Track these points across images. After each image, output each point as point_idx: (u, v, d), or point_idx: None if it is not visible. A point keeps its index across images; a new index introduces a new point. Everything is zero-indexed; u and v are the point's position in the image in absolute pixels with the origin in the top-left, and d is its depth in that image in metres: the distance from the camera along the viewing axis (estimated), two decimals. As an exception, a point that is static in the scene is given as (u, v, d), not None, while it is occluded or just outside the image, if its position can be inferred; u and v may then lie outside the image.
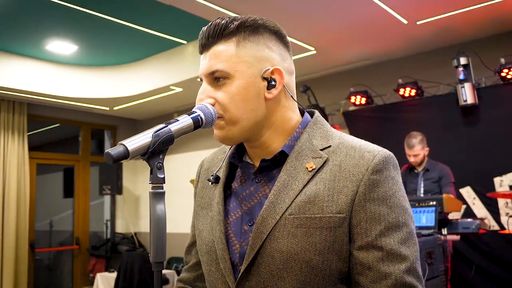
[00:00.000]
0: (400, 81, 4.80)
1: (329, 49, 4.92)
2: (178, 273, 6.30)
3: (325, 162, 1.01)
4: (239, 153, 1.15)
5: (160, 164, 0.92)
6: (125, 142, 0.87)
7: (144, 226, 7.67)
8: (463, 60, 4.36)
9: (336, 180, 0.98)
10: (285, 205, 0.98)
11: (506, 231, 3.91)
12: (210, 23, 1.05)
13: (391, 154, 1.03)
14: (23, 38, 5.30)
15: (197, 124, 0.98)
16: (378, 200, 0.97)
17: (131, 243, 7.23)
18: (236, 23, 1.03)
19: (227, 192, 1.12)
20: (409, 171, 4.31)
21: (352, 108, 5.33)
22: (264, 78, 1.03)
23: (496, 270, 4.24)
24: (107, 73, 6.24)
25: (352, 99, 5.10)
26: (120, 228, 7.55)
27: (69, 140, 7.98)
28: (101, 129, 7.81)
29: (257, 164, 1.09)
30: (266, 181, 1.06)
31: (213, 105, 1.02)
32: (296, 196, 0.99)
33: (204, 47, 1.05)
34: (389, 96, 5.06)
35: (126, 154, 0.87)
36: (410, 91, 4.77)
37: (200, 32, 1.06)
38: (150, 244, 0.91)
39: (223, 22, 1.03)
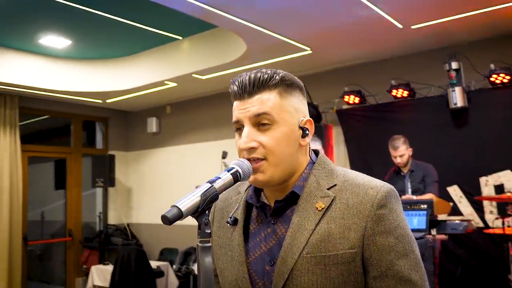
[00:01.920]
0: (393, 82, 4.92)
1: (324, 49, 5.01)
2: (172, 263, 6.43)
3: (332, 201, 1.12)
4: (255, 193, 1.23)
5: (207, 220, 0.98)
6: (178, 204, 0.95)
7: (136, 217, 7.75)
8: (454, 65, 4.49)
9: (345, 218, 1.09)
10: (301, 245, 1.09)
11: (491, 231, 4.09)
12: (250, 73, 1.15)
13: (392, 187, 1.15)
14: (17, 33, 5.26)
15: (236, 178, 1.06)
16: (385, 233, 1.08)
17: (124, 234, 7.31)
18: (278, 77, 1.14)
19: (246, 233, 1.21)
20: (396, 174, 4.45)
21: (345, 106, 5.44)
22: (300, 127, 1.16)
23: (482, 266, 4.43)
24: (100, 67, 6.23)
25: (346, 98, 5.20)
26: (112, 219, 7.61)
27: (60, 132, 7.96)
28: (93, 121, 7.80)
29: (272, 204, 1.18)
30: (281, 221, 1.16)
31: (256, 148, 1.11)
32: (310, 236, 1.09)
33: (247, 94, 1.13)
34: (381, 96, 5.18)
35: (180, 215, 0.95)
36: (403, 93, 4.89)
37: (239, 79, 1.15)
38: None
39: (267, 73, 1.14)
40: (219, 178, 1.04)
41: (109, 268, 5.86)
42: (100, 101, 7.02)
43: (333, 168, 1.20)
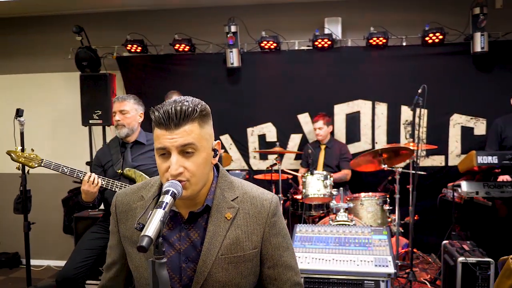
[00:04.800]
0: (176, 36, 5.09)
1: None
2: None
3: (237, 211, 1.48)
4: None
5: (162, 240, 1.20)
6: (147, 233, 1.15)
7: None
8: (233, 28, 4.97)
9: (248, 225, 1.49)
10: (217, 249, 1.44)
11: (261, 176, 4.92)
12: (175, 105, 1.34)
13: (277, 197, 1.58)
14: None
15: (175, 198, 1.29)
16: (277, 234, 1.54)
17: None
18: (198, 109, 1.37)
19: None
20: None
21: (126, 54, 5.36)
22: (212, 150, 1.46)
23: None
24: None
25: (128, 46, 5.14)
26: None
27: None
28: None
29: (182, 211, 1.48)
30: (194, 228, 1.48)
31: (182, 172, 1.35)
32: (223, 240, 1.45)
33: (174, 125, 1.34)
34: (163, 47, 5.31)
35: (151, 241, 1.15)
36: (184, 47, 5.14)
37: (164, 109, 1.34)
38: None
39: (190, 107, 1.35)
40: (165, 202, 1.25)
41: None
42: None
43: (232, 180, 1.55)
